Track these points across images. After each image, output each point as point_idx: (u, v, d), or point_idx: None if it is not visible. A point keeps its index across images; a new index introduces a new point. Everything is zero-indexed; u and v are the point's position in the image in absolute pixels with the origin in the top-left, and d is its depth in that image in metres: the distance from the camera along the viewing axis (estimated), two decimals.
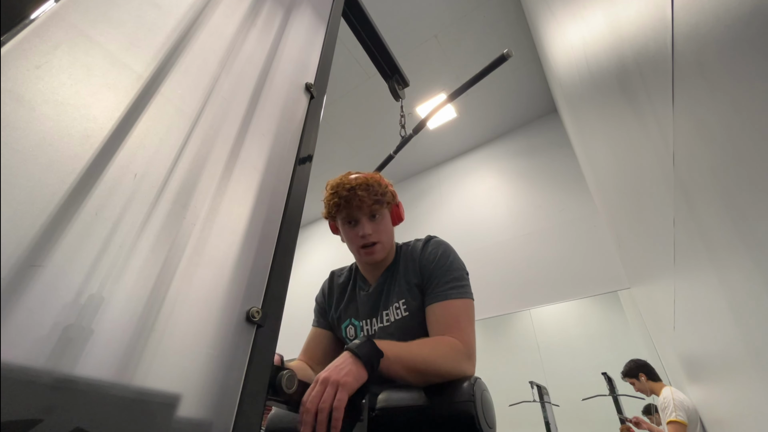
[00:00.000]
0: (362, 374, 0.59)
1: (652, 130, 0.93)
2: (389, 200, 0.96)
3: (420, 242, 0.98)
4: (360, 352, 0.61)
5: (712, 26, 0.50)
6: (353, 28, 1.23)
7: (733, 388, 1.09)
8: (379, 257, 0.95)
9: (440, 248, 0.93)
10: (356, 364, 0.59)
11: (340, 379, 0.56)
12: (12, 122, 0.30)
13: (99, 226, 0.34)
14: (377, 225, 0.94)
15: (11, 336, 0.26)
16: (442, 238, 0.99)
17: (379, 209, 0.94)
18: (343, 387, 0.56)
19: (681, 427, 2.00)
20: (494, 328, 3.82)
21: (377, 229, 0.93)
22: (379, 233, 0.94)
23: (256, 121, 0.56)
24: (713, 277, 0.85)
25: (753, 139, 0.48)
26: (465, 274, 0.92)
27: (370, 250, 0.94)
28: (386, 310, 0.94)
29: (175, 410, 0.34)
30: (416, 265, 0.93)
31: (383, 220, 0.95)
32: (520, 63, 3.66)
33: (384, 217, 0.96)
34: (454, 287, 0.86)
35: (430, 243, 0.96)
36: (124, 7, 0.43)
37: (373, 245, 0.94)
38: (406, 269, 0.95)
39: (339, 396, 0.55)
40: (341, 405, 0.54)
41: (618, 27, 0.97)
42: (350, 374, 0.57)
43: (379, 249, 0.94)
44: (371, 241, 0.93)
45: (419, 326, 0.88)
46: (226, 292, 0.42)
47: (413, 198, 4.88)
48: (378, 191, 0.92)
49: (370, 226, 0.93)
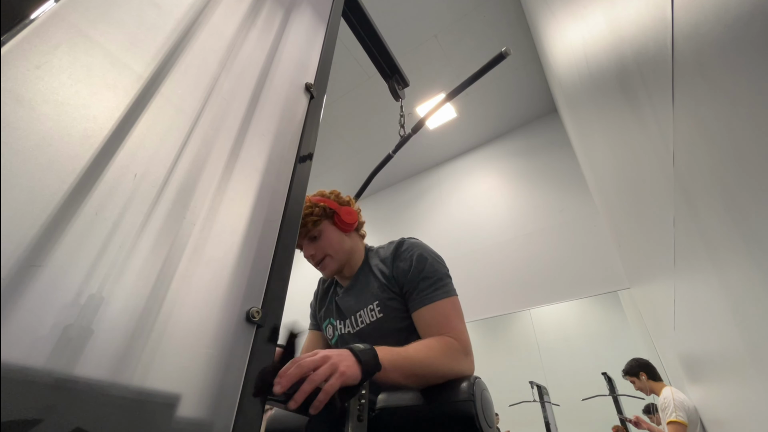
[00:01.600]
0: (357, 375, 0.59)
1: (652, 130, 0.93)
2: (321, 214, 0.99)
3: (392, 244, 1.00)
4: (362, 357, 0.61)
5: (712, 26, 0.50)
6: (353, 28, 1.23)
7: (733, 388, 1.09)
8: (333, 267, 1.01)
9: (415, 251, 0.93)
10: (356, 365, 0.60)
11: (340, 366, 0.56)
12: (12, 122, 0.30)
13: (99, 226, 0.34)
14: (318, 243, 0.99)
15: (11, 336, 0.26)
16: (416, 239, 0.99)
17: (313, 229, 0.98)
18: (340, 375, 0.55)
19: (681, 427, 2.00)
20: (494, 328, 3.83)
21: (319, 247, 0.99)
22: (322, 249, 0.99)
23: (256, 121, 0.56)
24: (713, 277, 0.85)
25: (753, 139, 0.48)
26: (445, 271, 0.92)
27: (322, 265, 1.01)
28: (359, 311, 0.96)
29: (175, 410, 0.34)
30: (388, 265, 0.95)
31: (324, 236, 1.00)
32: (520, 63, 3.65)
33: (323, 232, 1.00)
34: (437, 288, 0.87)
35: (404, 245, 0.97)
36: (124, 7, 0.43)
37: (323, 260, 1.00)
38: (378, 270, 0.97)
39: (332, 381, 0.54)
40: (331, 390, 0.53)
41: (618, 27, 0.97)
42: (350, 368, 0.58)
43: (329, 262, 1.00)
44: (317, 260, 1.00)
45: (394, 327, 0.90)
46: (226, 292, 0.42)
47: (413, 198, 4.88)
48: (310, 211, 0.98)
49: (311, 246, 0.99)
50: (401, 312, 0.90)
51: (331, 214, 1.01)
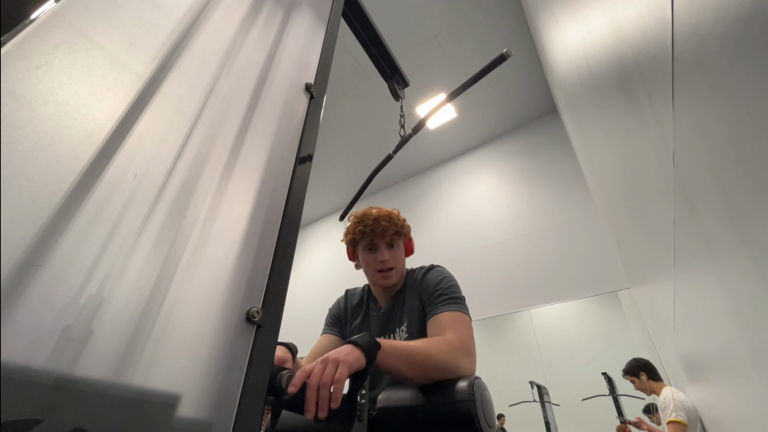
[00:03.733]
0: (361, 358, 0.62)
1: (652, 130, 0.93)
2: (405, 233, 1.10)
3: (424, 269, 1.07)
4: (360, 341, 0.64)
5: (712, 26, 0.50)
6: (353, 28, 1.22)
7: (733, 388, 1.09)
8: (393, 281, 1.05)
9: (441, 275, 1.00)
10: (356, 349, 0.63)
11: (341, 358, 0.60)
12: (12, 122, 0.30)
13: (99, 226, 0.34)
14: (394, 253, 1.06)
15: (11, 336, 0.26)
16: (444, 268, 1.05)
17: (396, 239, 1.07)
18: (344, 363, 0.59)
19: (681, 427, 2.01)
20: (494, 328, 3.83)
21: (394, 257, 1.05)
22: (395, 260, 1.05)
23: (256, 121, 0.56)
24: (713, 277, 0.85)
25: (753, 139, 0.48)
26: (461, 296, 0.96)
27: (387, 274, 1.05)
28: (392, 333, 1.01)
29: (175, 410, 0.34)
30: (416, 289, 1.02)
31: (399, 249, 1.08)
32: (520, 63, 3.66)
33: (400, 247, 1.09)
34: (451, 302, 0.91)
35: (432, 270, 1.04)
36: (124, 7, 0.43)
37: (389, 270, 1.04)
38: (411, 294, 1.03)
39: (340, 370, 0.57)
40: (342, 378, 0.57)
41: (618, 27, 0.98)
42: (351, 355, 0.61)
43: (393, 274, 1.05)
44: (388, 266, 1.04)
45: None
46: (226, 292, 0.42)
47: (413, 198, 4.88)
48: (398, 224, 1.07)
49: (388, 253, 1.05)
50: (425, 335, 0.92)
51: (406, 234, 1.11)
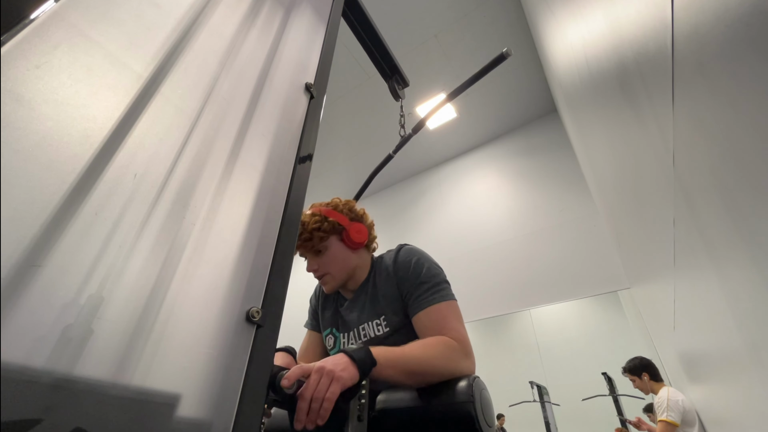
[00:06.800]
0: (356, 376, 0.61)
1: (652, 130, 0.93)
2: (326, 231, 0.95)
3: (391, 253, 0.98)
4: (356, 356, 0.63)
5: (712, 26, 0.50)
6: (353, 28, 1.22)
7: (733, 388, 1.09)
8: (333, 285, 0.98)
9: (413, 257, 0.92)
10: (351, 366, 0.61)
11: (336, 373, 0.59)
12: (12, 122, 0.30)
13: (99, 226, 0.34)
14: (322, 259, 0.96)
15: (11, 336, 0.26)
16: (413, 245, 0.98)
17: (319, 243, 0.94)
18: (337, 381, 0.58)
19: (670, 427, 2.11)
20: (494, 328, 3.83)
21: (322, 263, 0.96)
22: (325, 266, 0.96)
23: (256, 121, 0.56)
24: (713, 277, 0.85)
25: (753, 139, 0.48)
26: (443, 277, 0.91)
27: (322, 281, 0.99)
28: (362, 325, 0.94)
29: (175, 410, 0.34)
30: (391, 277, 0.93)
31: (329, 252, 0.96)
32: (520, 63, 3.65)
33: (329, 248, 0.96)
34: (435, 292, 0.86)
35: (401, 253, 0.95)
36: (124, 7, 0.43)
37: (323, 277, 0.97)
38: (383, 283, 0.94)
39: (332, 389, 0.57)
40: (333, 397, 0.57)
41: (618, 27, 0.97)
42: (346, 371, 0.60)
43: (328, 279, 0.97)
44: (319, 275, 0.97)
45: (402, 342, 0.88)
46: (226, 292, 0.42)
47: (413, 198, 4.88)
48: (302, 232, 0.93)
49: (314, 261, 0.97)
50: (409, 327, 0.88)
51: (340, 231, 0.96)
